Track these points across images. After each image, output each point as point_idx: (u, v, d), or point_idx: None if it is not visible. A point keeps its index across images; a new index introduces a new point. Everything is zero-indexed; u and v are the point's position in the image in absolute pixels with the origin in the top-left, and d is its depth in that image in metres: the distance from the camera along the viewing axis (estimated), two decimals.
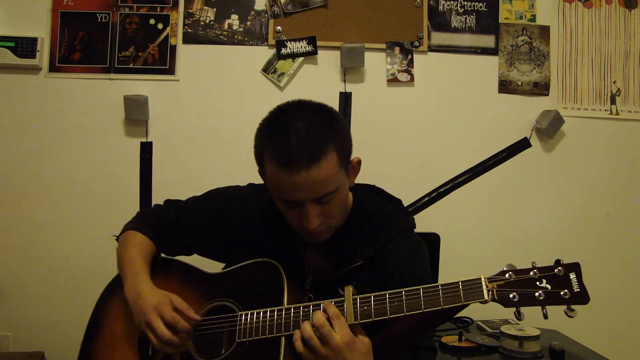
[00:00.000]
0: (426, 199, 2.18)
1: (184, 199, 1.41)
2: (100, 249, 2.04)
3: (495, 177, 2.20)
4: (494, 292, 0.95)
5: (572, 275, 0.94)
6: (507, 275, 0.96)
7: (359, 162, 1.17)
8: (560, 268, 0.94)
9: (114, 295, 1.30)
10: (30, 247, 2.13)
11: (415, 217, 2.23)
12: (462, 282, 0.97)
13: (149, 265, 1.28)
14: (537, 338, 1.65)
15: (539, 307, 0.94)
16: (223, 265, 1.34)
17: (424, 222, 2.13)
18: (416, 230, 1.28)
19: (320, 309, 1.05)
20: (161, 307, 1.14)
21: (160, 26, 2.16)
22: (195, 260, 1.36)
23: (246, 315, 1.13)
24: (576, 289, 0.93)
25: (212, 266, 1.31)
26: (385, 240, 1.18)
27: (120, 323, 1.27)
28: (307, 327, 1.03)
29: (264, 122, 1.12)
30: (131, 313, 1.20)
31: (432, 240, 1.84)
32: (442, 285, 0.99)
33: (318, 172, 1.02)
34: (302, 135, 1.03)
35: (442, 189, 2.19)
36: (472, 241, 2.17)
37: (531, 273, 0.95)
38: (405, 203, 2.13)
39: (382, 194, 1.32)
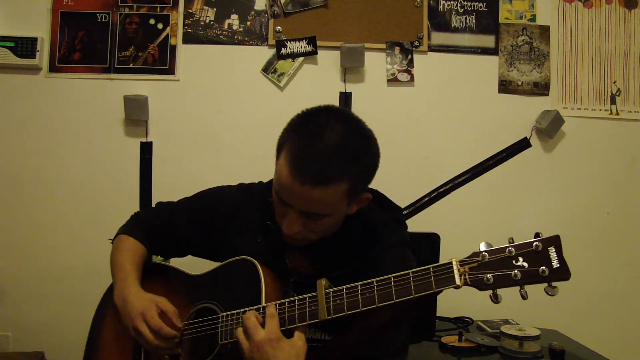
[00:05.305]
0: (426, 199, 2.18)
1: (179, 200, 1.40)
2: (100, 248, 2.02)
3: (496, 177, 2.20)
4: (467, 276, 0.90)
5: (552, 250, 0.86)
6: (480, 256, 0.90)
7: (368, 198, 1.13)
8: (537, 243, 0.87)
9: (110, 299, 1.30)
10: (30, 247, 2.13)
11: (415, 217, 2.24)
12: (433, 267, 0.93)
13: (138, 270, 1.28)
14: (537, 338, 1.64)
15: (518, 288, 0.89)
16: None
17: (424, 222, 2.15)
18: (416, 230, 1.27)
19: (305, 304, 1.03)
20: (146, 313, 1.15)
21: (160, 26, 2.16)
22: (196, 262, 1.36)
23: (226, 316, 1.12)
24: (555, 264, 0.85)
25: (207, 267, 1.31)
26: (374, 253, 1.15)
27: (116, 328, 1.27)
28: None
29: (304, 114, 1.08)
30: None
31: (432, 240, 1.84)
32: (413, 272, 0.94)
33: (320, 194, 1.00)
34: (328, 153, 0.99)
35: (442, 189, 2.19)
36: (472, 241, 2.13)
37: (507, 251, 0.89)
38: (405, 203, 2.16)
39: (382, 200, 1.28)
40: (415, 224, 2.08)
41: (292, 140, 1.03)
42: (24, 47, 2.09)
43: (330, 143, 1.00)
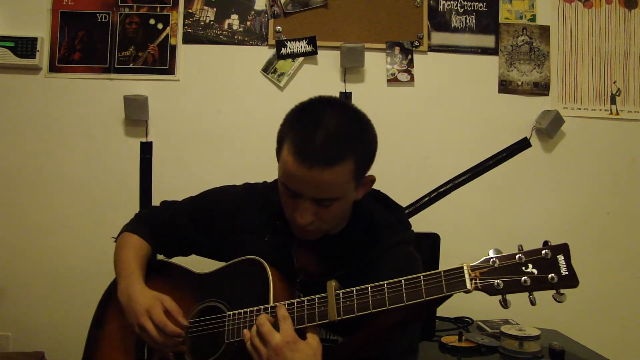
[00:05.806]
0: (426, 199, 2.18)
1: (183, 199, 1.41)
2: (100, 248, 2.02)
3: (496, 177, 2.20)
4: (477, 281, 0.91)
5: (561, 258, 0.89)
6: (491, 261, 0.92)
7: (372, 180, 1.15)
8: (546, 250, 0.90)
9: (112, 297, 1.30)
10: (30, 247, 2.13)
11: (415, 217, 2.24)
12: (444, 271, 0.94)
13: (143, 268, 1.28)
14: (537, 338, 1.65)
15: (527, 294, 0.90)
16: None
17: (424, 222, 2.15)
18: (416, 230, 1.27)
19: (314, 304, 1.04)
20: (151, 310, 1.15)
21: (160, 26, 2.16)
22: (197, 261, 1.36)
23: (233, 315, 1.12)
24: (564, 272, 0.88)
25: (213, 267, 1.31)
26: (379, 251, 1.16)
27: (118, 325, 1.27)
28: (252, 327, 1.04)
29: (298, 107, 1.11)
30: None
31: (432, 240, 1.84)
32: (424, 275, 0.95)
33: (329, 176, 1.01)
34: (330, 135, 1.02)
35: (442, 189, 2.19)
36: (472, 241, 2.17)
37: (517, 257, 0.91)
38: (405, 203, 2.16)
39: (385, 201, 1.28)
40: (415, 224, 2.08)
41: (293, 132, 1.05)
42: (24, 47, 2.09)
43: (330, 126, 1.03)
